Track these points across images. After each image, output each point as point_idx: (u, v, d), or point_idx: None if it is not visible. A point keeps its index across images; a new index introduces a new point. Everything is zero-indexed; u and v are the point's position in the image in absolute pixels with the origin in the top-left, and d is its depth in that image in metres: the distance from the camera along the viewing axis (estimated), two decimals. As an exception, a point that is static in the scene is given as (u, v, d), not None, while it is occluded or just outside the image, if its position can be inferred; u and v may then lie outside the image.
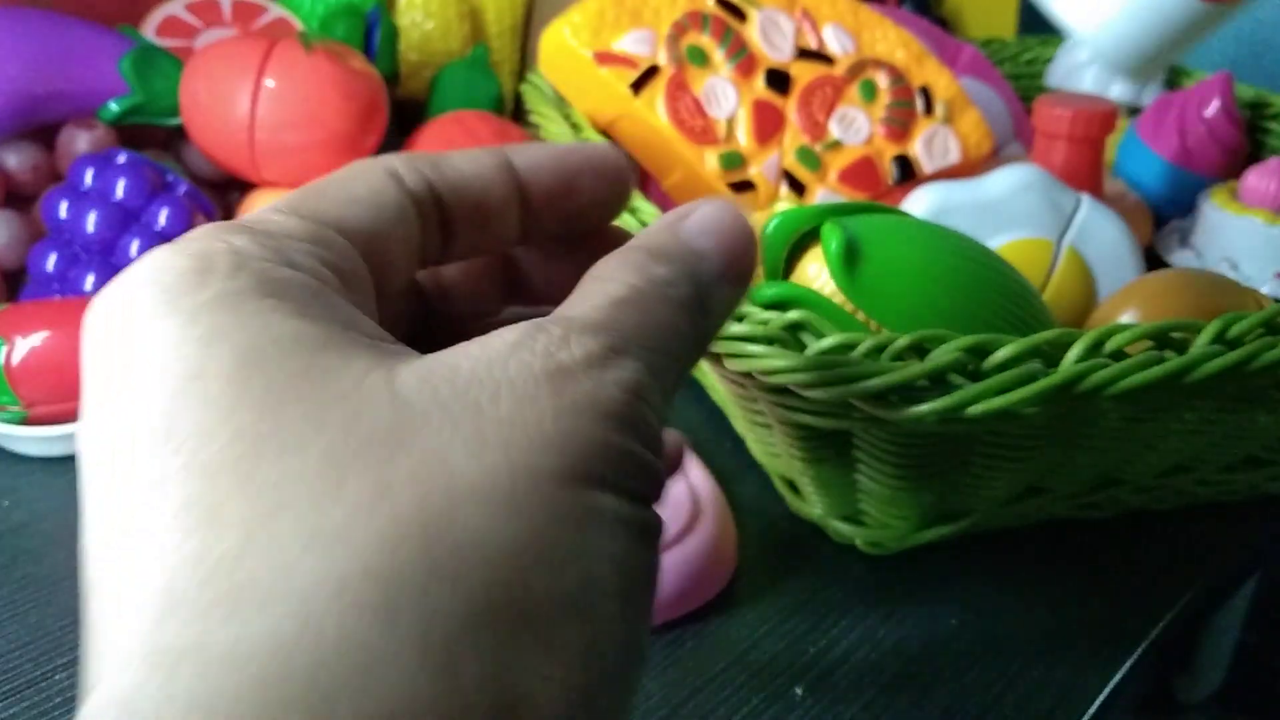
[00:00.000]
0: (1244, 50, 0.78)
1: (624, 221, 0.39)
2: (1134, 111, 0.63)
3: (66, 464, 0.41)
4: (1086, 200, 0.43)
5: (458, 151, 0.20)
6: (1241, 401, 0.35)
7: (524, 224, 0.21)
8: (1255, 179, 0.49)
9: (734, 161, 0.48)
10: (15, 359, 0.39)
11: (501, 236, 0.20)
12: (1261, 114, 0.60)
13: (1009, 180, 0.42)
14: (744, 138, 0.48)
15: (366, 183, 0.18)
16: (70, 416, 0.41)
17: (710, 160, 0.47)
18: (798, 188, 0.49)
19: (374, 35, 0.56)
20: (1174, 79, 0.65)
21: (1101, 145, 0.49)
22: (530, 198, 0.20)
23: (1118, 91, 0.62)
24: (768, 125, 0.49)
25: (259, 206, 0.48)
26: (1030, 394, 0.28)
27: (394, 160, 0.19)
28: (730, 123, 0.48)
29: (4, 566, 0.35)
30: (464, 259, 0.21)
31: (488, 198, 0.20)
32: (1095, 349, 0.29)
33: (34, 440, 0.41)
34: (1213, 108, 0.56)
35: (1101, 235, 0.42)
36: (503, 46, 0.65)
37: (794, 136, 0.49)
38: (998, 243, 0.41)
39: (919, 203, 0.42)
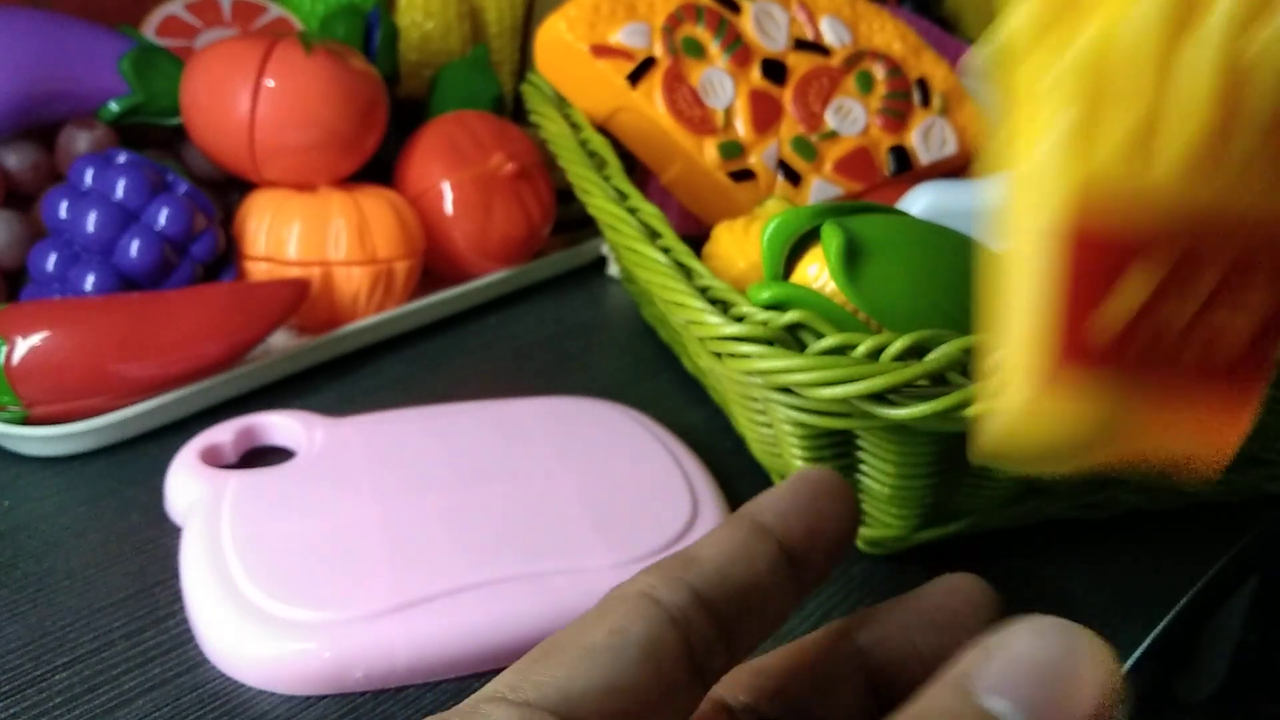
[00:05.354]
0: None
1: (626, 221, 0.39)
2: (1134, 111, 0.63)
3: (66, 464, 0.41)
4: (1086, 200, 0.43)
5: (706, 540, 0.18)
6: (1241, 401, 0.34)
7: (796, 586, 0.19)
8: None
9: (733, 151, 0.48)
10: (15, 359, 0.39)
11: (779, 613, 0.19)
12: (1261, 114, 0.59)
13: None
14: (742, 127, 0.48)
15: (608, 624, 0.16)
16: (70, 416, 0.41)
17: (709, 150, 0.47)
18: (793, 178, 0.49)
19: (374, 35, 0.56)
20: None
21: (1101, 145, 0.48)
22: (793, 548, 0.19)
23: (1118, 91, 0.62)
24: (765, 114, 0.49)
25: (259, 207, 0.49)
26: (1030, 394, 0.28)
27: (647, 578, 0.17)
28: (728, 112, 0.48)
29: (4, 566, 0.35)
30: (746, 657, 0.19)
31: (758, 578, 0.18)
32: (1095, 349, 0.29)
33: (34, 440, 0.41)
34: (1213, 107, 0.56)
35: (1101, 235, 0.42)
36: (503, 46, 0.65)
37: (790, 127, 0.49)
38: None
39: (917, 203, 0.42)
